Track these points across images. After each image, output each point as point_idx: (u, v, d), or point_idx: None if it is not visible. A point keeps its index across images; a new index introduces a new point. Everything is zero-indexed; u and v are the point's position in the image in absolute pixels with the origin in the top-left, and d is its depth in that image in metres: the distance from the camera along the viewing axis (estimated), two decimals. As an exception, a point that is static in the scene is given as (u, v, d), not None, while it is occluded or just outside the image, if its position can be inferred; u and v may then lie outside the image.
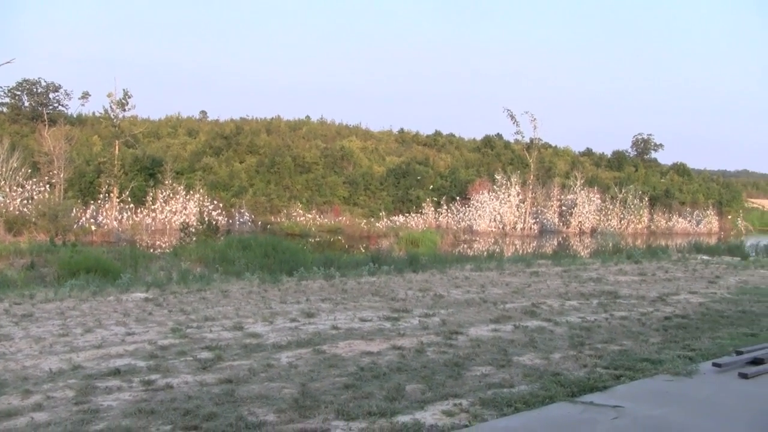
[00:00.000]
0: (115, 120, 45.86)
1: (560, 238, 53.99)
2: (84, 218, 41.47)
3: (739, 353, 9.45)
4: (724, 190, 78.87)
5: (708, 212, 68.84)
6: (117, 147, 45.56)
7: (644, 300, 15.36)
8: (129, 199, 44.99)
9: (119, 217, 44.07)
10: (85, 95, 51.56)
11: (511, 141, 71.39)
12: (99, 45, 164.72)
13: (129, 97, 44.71)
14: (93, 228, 40.38)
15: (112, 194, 43.91)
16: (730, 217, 72.35)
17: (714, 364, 8.93)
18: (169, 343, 9.88)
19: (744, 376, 8.55)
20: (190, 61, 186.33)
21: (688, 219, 67.68)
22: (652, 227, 65.05)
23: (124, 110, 45.78)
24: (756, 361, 9.12)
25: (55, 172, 43.76)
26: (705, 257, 28.09)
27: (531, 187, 58.03)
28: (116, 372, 8.15)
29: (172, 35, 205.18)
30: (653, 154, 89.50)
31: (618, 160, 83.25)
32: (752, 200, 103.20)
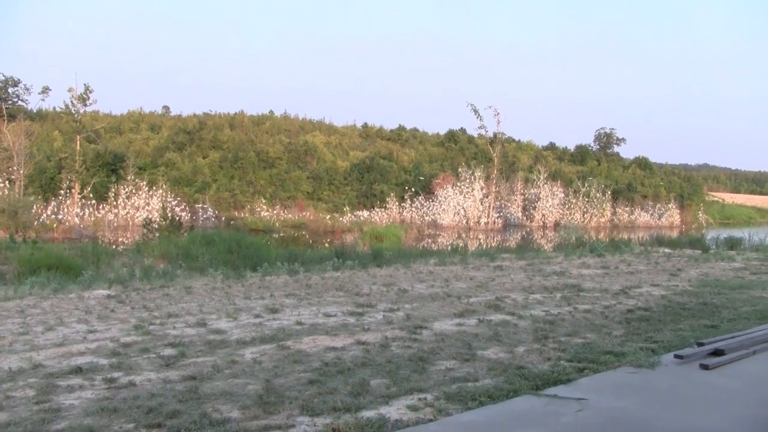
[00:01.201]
0: (76, 115, 45.44)
1: (524, 232, 54.30)
2: (45, 214, 41.04)
3: (700, 345, 9.56)
4: (686, 184, 79.69)
5: (669, 206, 69.59)
6: (78, 142, 45.13)
7: (607, 293, 15.48)
8: (91, 195, 44.60)
9: (81, 214, 43.65)
10: (45, 90, 51.26)
11: (475, 135, 71.73)
12: (59, 40, 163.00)
13: (90, 92, 44.44)
14: (54, 224, 39.96)
15: (73, 190, 43.51)
16: (691, 210, 73.10)
17: (676, 356, 9.02)
18: (132, 340, 9.80)
19: (705, 367, 8.66)
20: (152, 55, 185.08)
21: (650, 212, 68.37)
22: (615, 221, 65.59)
23: (86, 105, 45.48)
24: (717, 353, 9.23)
25: (15, 167, 43.26)
26: (667, 250, 28.37)
27: (495, 181, 58.32)
28: (78, 370, 8.06)
29: (134, 30, 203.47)
30: (615, 149, 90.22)
31: (581, 154, 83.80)
32: (713, 194, 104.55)
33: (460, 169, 58.17)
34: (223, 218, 50.18)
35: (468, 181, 56.62)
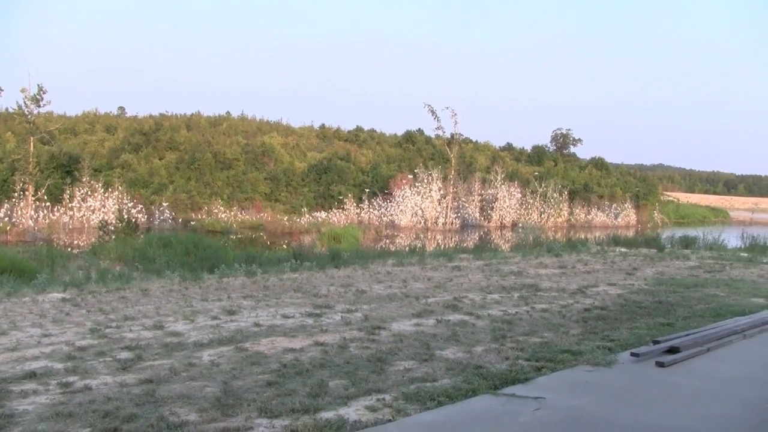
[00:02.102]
0: (29, 116, 44.74)
1: (481, 233, 54.59)
2: (-2, 217, 40.48)
3: (656, 343, 9.69)
4: (641, 184, 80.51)
5: (625, 205, 70.38)
6: (32, 144, 44.51)
7: (564, 292, 15.61)
8: (45, 198, 44.04)
9: (35, 216, 43.05)
10: (-3, 90, 50.31)
11: (433, 136, 71.90)
12: (11, 39, 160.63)
13: (44, 93, 43.78)
14: (7, 227, 39.42)
15: (27, 192, 42.89)
16: (646, 210, 73.93)
17: (632, 354, 9.14)
18: (88, 343, 9.69)
19: (661, 364, 8.78)
20: (107, 55, 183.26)
21: (607, 212, 69.07)
22: (572, 221, 66.15)
23: (39, 106, 44.79)
24: (672, 350, 9.36)
25: (-34, 170, 42.61)
26: (623, 249, 28.66)
27: (452, 182, 58.52)
28: (32, 375, 7.95)
29: (89, 30, 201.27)
30: (572, 149, 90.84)
31: (538, 154, 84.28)
32: (668, 193, 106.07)
33: (417, 170, 58.28)
34: (180, 220, 49.81)
35: (426, 181, 56.77)
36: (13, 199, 42.64)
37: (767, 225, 69.89)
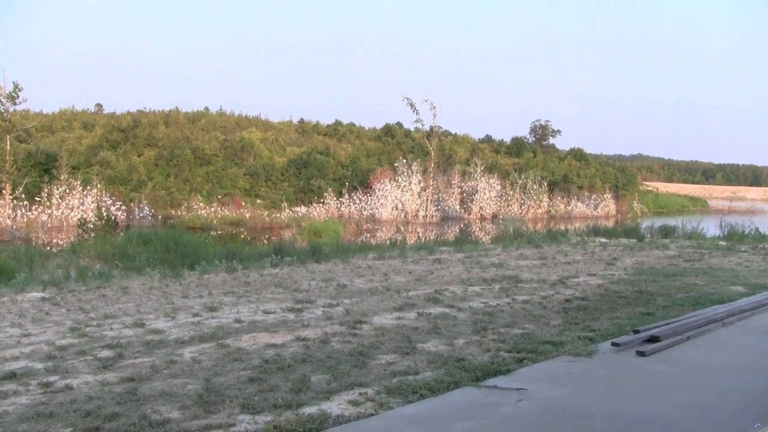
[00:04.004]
0: (5, 114, 44.30)
1: (462, 225, 54.62)
2: (-26, 217, 40.16)
3: (636, 332, 9.76)
4: (620, 174, 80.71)
5: (605, 196, 70.50)
6: (8, 142, 44.12)
7: (545, 283, 15.67)
8: (23, 196, 43.64)
9: (12, 215, 42.65)
10: (-28, 88, 49.83)
11: (412, 129, 71.74)
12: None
13: (20, 90, 43.28)
14: (-16, 227, 39.15)
15: (4, 191, 42.50)
16: (626, 200, 74.23)
17: (613, 344, 9.20)
18: (68, 343, 9.65)
19: (641, 354, 8.85)
20: (84, 52, 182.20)
21: (586, 203, 69.21)
22: (552, 212, 66.24)
23: (15, 104, 44.31)
24: (652, 339, 9.44)
25: (-59, 169, 42.19)
26: (603, 240, 28.77)
27: (432, 174, 58.49)
28: (12, 375, 7.91)
29: (65, 26, 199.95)
30: (551, 140, 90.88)
31: (517, 146, 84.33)
32: (647, 183, 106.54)
33: (397, 163, 58.25)
34: (160, 216, 49.54)
35: (405, 174, 56.73)
36: (-9, 199, 42.30)
37: (745, 213, 70.50)
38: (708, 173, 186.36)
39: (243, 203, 54.82)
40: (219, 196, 55.09)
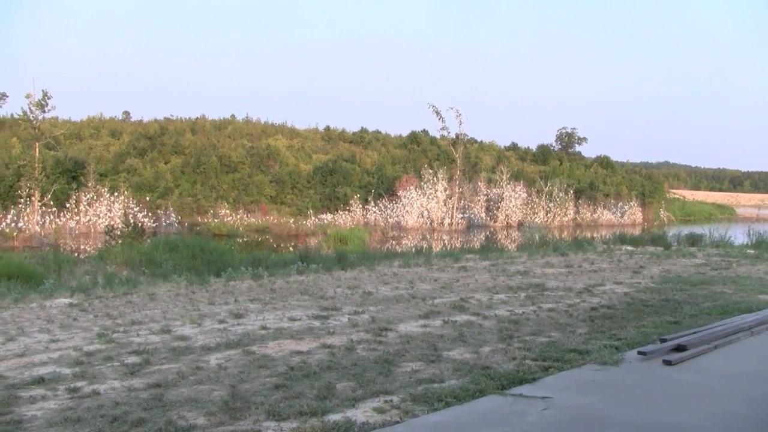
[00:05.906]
0: (34, 122, 44.67)
1: (487, 233, 54.47)
2: (4, 223, 40.56)
3: (663, 341, 9.68)
4: (647, 182, 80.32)
5: (631, 204, 70.10)
6: (37, 149, 44.55)
7: (571, 291, 15.58)
8: (51, 203, 44.01)
9: (41, 222, 43.06)
10: (2, 96, 50.30)
11: (437, 137, 71.74)
12: (16, 44, 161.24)
13: (48, 98, 43.66)
14: (14, 233, 39.51)
15: (33, 198, 42.90)
16: (652, 208, 73.78)
17: (639, 353, 9.13)
18: (95, 348, 9.71)
19: (668, 363, 8.77)
20: (112, 60, 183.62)
21: (613, 211, 68.82)
22: (578, 219, 65.94)
23: (44, 111, 44.67)
24: (679, 348, 9.35)
25: (-28, 176, 42.67)
26: (629, 248, 28.59)
27: (458, 182, 58.45)
28: (40, 380, 7.98)
29: (93, 34, 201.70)
30: (577, 148, 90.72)
31: (543, 154, 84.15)
32: (674, 191, 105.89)
33: (422, 171, 58.21)
34: (186, 223, 49.79)
35: (431, 182, 56.68)
36: (20, 205, 42.62)
37: (774, 221, 69.73)
38: (735, 181, 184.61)
39: (269, 210, 54.98)
40: (245, 204, 55.31)
